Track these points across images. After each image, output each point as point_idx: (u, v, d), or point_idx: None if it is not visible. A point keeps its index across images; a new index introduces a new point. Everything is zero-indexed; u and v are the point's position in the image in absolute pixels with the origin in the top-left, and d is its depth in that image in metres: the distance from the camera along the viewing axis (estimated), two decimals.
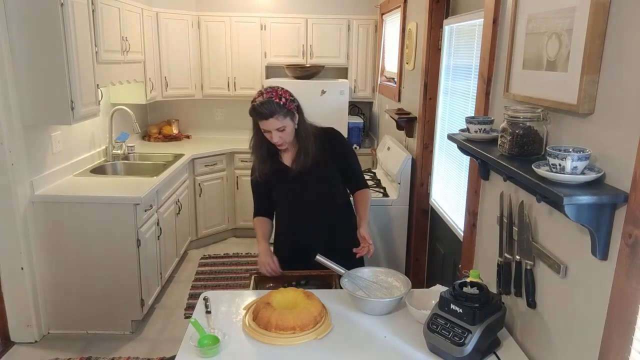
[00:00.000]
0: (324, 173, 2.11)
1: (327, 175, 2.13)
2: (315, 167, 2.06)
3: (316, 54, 4.78)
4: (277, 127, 1.96)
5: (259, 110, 1.93)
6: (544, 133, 1.39)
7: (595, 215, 1.11)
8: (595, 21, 1.16)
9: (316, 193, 2.13)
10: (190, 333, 1.53)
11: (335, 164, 2.14)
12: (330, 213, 2.17)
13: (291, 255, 2.15)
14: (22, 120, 2.79)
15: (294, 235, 2.18)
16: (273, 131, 1.96)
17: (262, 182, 2.13)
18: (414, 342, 1.52)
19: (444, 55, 2.80)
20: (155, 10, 4.31)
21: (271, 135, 1.98)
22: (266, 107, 1.92)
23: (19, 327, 2.95)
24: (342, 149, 2.18)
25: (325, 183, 2.13)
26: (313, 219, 2.14)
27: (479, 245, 1.98)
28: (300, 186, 2.10)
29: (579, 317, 1.25)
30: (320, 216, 2.15)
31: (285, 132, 1.99)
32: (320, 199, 2.14)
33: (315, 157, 2.06)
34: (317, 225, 2.15)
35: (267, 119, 1.93)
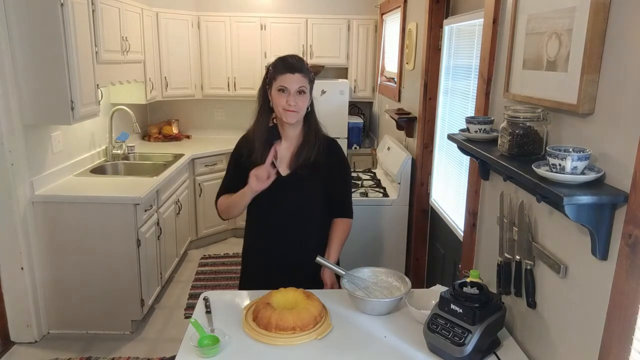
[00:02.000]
0: (316, 180, 1.89)
1: (319, 185, 1.91)
2: (310, 171, 1.86)
3: (316, 54, 4.78)
4: (300, 87, 1.76)
5: (288, 61, 1.77)
6: (544, 133, 1.39)
7: (595, 215, 1.11)
8: (595, 21, 1.16)
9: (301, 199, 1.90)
10: (190, 333, 1.53)
11: (329, 179, 1.92)
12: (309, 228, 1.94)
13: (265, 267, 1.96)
14: (22, 120, 2.79)
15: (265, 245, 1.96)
16: (293, 91, 1.75)
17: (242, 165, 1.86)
18: (414, 342, 1.52)
19: (444, 55, 2.80)
20: (155, 10, 4.31)
21: (288, 95, 1.76)
22: (297, 60, 1.78)
23: (19, 327, 2.95)
24: (342, 165, 1.97)
25: (316, 192, 1.91)
26: (289, 229, 1.91)
27: (479, 245, 1.98)
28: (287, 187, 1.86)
29: (579, 317, 1.25)
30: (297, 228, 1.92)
31: (303, 98, 1.78)
32: (302, 208, 1.91)
33: (315, 159, 1.86)
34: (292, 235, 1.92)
35: (293, 73, 1.75)
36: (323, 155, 1.88)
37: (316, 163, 1.86)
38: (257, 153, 1.84)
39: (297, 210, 1.91)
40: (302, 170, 1.86)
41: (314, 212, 1.94)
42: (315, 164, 1.86)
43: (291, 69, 1.77)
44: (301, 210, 1.91)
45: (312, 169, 1.86)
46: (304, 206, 1.92)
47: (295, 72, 1.76)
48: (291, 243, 1.93)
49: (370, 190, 3.25)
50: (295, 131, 1.89)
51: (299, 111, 1.80)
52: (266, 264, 1.97)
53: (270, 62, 1.86)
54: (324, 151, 1.89)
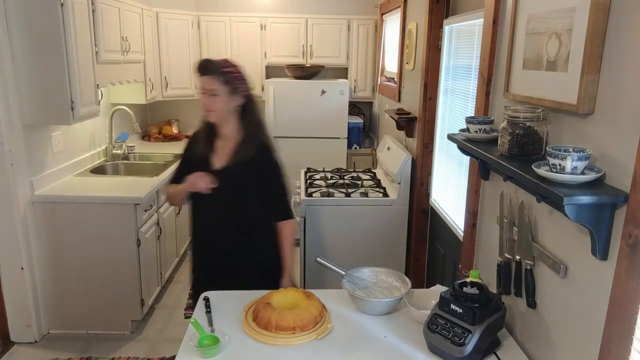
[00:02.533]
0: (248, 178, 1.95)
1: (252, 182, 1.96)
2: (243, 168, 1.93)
3: (316, 54, 4.78)
4: (211, 89, 1.87)
5: (200, 64, 1.90)
6: (544, 133, 1.39)
7: (595, 215, 1.11)
8: (595, 21, 1.16)
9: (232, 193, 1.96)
10: (190, 333, 1.53)
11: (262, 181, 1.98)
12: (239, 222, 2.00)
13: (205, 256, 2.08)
14: (22, 120, 2.79)
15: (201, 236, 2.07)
16: (206, 92, 1.89)
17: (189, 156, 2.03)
18: (414, 342, 1.52)
19: (444, 55, 2.80)
20: (155, 10, 4.31)
21: (203, 97, 1.90)
22: (204, 63, 1.89)
23: (19, 327, 2.95)
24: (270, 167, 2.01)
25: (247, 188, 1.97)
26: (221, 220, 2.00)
27: (479, 245, 1.98)
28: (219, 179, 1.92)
29: (579, 317, 1.25)
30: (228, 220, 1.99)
31: (216, 99, 1.88)
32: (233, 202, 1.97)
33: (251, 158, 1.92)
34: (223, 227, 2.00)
35: (202, 75, 1.88)
36: (259, 156, 1.96)
37: (251, 162, 1.93)
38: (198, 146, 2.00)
39: (228, 203, 1.97)
40: (236, 166, 1.94)
41: (244, 207, 1.99)
42: (249, 163, 1.93)
43: (200, 71, 1.88)
44: (232, 203, 1.98)
45: (246, 167, 1.94)
46: (234, 200, 1.98)
47: (202, 75, 1.88)
48: (222, 235, 2.01)
49: (370, 190, 3.25)
50: (229, 129, 1.98)
51: (215, 111, 1.90)
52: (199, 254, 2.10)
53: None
54: (259, 152, 1.96)
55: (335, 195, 3.13)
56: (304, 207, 3.05)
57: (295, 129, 4.44)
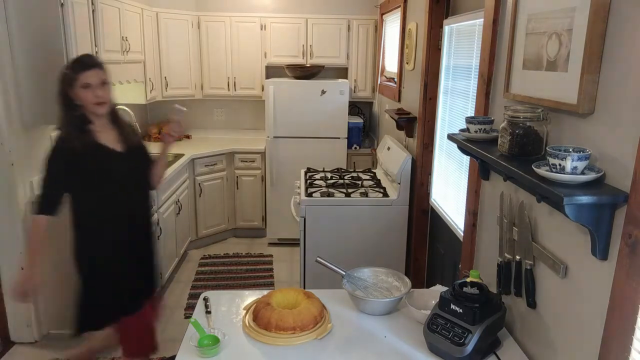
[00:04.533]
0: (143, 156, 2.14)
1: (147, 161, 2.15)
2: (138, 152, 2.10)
3: (316, 54, 4.78)
4: (102, 80, 1.93)
5: (83, 60, 1.93)
6: (544, 133, 1.39)
7: (595, 215, 1.11)
8: (595, 21, 1.16)
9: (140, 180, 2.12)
10: (190, 333, 1.53)
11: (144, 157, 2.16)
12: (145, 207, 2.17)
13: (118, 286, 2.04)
14: (22, 120, 2.79)
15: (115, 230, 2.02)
16: (96, 85, 1.90)
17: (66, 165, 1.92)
18: (414, 342, 1.52)
19: (444, 55, 2.80)
20: (155, 10, 4.31)
21: (91, 90, 1.89)
22: (91, 58, 1.97)
23: (19, 327, 2.95)
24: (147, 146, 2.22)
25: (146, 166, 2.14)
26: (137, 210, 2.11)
27: (479, 245, 1.98)
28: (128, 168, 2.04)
29: (579, 317, 1.25)
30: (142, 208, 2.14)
31: (107, 88, 1.96)
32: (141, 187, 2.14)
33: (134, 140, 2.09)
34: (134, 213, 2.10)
35: (91, 69, 1.90)
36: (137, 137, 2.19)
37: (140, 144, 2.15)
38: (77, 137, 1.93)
39: (135, 179, 2.09)
40: (130, 147, 2.07)
41: (146, 182, 2.18)
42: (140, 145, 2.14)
43: (91, 65, 1.92)
44: (137, 179, 2.11)
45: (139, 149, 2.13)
46: (139, 176, 2.12)
47: (94, 67, 1.93)
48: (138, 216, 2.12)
49: (370, 190, 3.25)
50: (105, 119, 2.04)
51: (107, 101, 1.98)
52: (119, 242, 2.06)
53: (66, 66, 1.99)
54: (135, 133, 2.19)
55: (335, 195, 3.13)
56: (304, 207, 3.05)
57: (295, 129, 4.45)
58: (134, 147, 2.08)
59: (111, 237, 2.02)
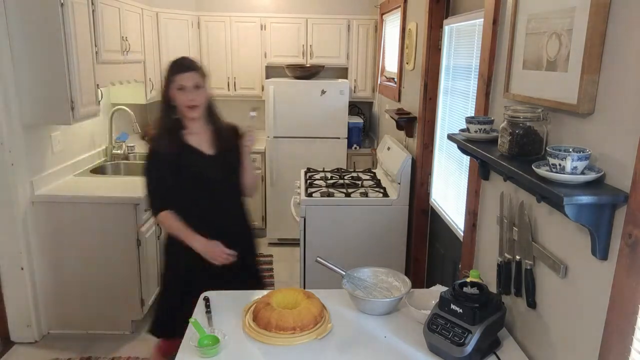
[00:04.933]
0: (236, 159, 2.10)
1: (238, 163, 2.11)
2: (230, 155, 2.07)
3: (316, 54, 4.78)
4: (196, 83, 1.96)
5: (180, 63, 1.97)
6: (544, 133, 1.39)
7: (595, 215, 1.11)
8: (595, 21, 1.16)
9: (231, 184, 2.11)
10: (190, 333, 1.53)
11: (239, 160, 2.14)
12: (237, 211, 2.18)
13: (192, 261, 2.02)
14: (22, 120, 2.79)
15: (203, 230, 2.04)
16: (190, 88, 1.95)
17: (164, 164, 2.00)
18: (414, 342, 1.52)
19: (444, 55, 2.80)
20: (155, 10, 4.30)
21: (185, 93, 1.94)
22: (188, 60, 1.99)
23: (19, 327, 2.95)
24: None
25: (237, 169, 2.12)
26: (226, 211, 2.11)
27: (479, 245, 1.98)
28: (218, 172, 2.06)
29: (579, 316, 1.25)
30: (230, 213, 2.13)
31: (201, 92, 1.99)
32: (233, 191, 2.13)
33: (228, 143, 2.07)
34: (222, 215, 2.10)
35: (186, 72, 1.94)
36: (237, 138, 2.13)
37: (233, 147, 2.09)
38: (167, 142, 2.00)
39: (224, 183, 2.09)
40: (221, 149, 2.07)
41: (238, 187, 2.15)
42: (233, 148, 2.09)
43: (186, 68, 1.96)
44: (226, 182, 2.10)
45: (231, 152, 2.09)
46: (228, 179, 2.10)
47: (189, 70, 1.96)
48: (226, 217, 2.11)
49: (370, 190, 3.25)
50: (200, 122, 2.07)
51: (199, 105, 1.99)
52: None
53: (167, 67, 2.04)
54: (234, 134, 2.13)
55: (335, 195, 3.13)
56: (304, 207, 3.05)
57: (295, 129, 4.45)
58: (226, 151, 2.07)
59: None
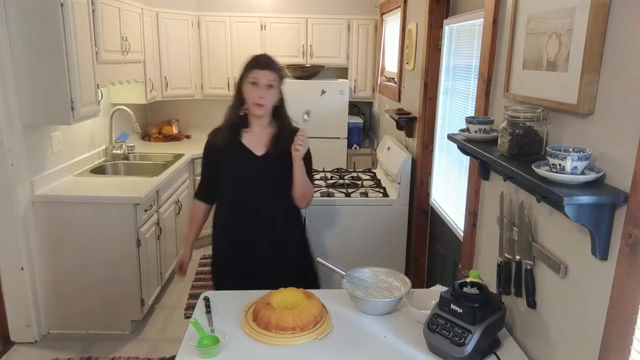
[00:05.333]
0: (286, 163, 2.03)
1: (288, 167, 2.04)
2: (281, 154, 2.03)
3: (316, 54, 4.78)
4: (269, 81, 1.98)
5: (260, 59, 2.01)
6: (544, 133, 1.39)
7: (595, 215, 1.11)
8: (595, 21, 1.16)
9: (276, 185, 2.08)
10: (190, 333, 1.53)
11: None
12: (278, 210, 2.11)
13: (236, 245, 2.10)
14: (22, 120, 2.79)
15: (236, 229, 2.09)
16: (262, 85, 1.97)
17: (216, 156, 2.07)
18: (414, 342, 1.52)
19: (444, 55, 2.80)
20: (155, 10, 4.31)
21: (256, 89, 1.97)
22: (268, 59, 2.02)
23: (19, 327, 2.95)
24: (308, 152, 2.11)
25: (284, 172, 2.05)
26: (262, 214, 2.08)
27: (479, 245, 1.98)
28: (263, 175, 2.06)
29: (579, 317, 1.25)
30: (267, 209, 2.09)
31: (272, 92, 2.01)
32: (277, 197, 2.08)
33: (284, 147, 2.03)
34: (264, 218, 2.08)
35: (263, 69, 1.97)
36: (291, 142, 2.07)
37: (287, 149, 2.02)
38: (223, 134, 2.07)
39: (268, 186, 2.08)
40: (274, 152, 2.06)
41: (283, 190, 2.08)
42: (287, 151, 2.02)
43: (263, 65, 1.99)
44: (272, 186, 2.08)
45: (284, 154, 2.03)
46: (274, 183, 2.08)
47: (266, 68, 1.99)
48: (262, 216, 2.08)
49: (370, 190, 3.25)
50: (264, 121, 2.09)
51: (266, 104, 2.01)
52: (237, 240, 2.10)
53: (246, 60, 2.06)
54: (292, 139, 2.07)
55: (335, 195, 3.13)
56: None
57: None
58: (279, 155, 2.03)
59: (234, 237, 2.10)
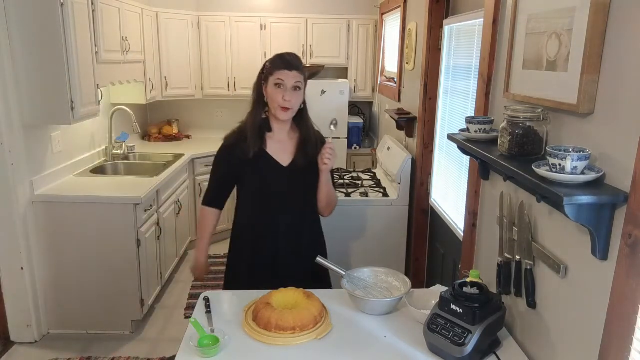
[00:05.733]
0: (313, 172, 1.93)
1: (315, 176, 1.95)
2: (308, 163, 1.93)
3: (316, 54, 4.78)
4: (296, 83, 1.84)
5: (286, 58, 1.86)
6: (544, 133, 1.39)
7: (595, 215, 1.11)
8: (595, 21, 1.15)
9: (302, 196, 1.97)
10: (190, 333, 1.53)
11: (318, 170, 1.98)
12: (304, 222, 2.01)
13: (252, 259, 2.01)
14: (22, 120, 2.79)
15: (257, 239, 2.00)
16: (289, 87, 1.83)
17: (235, 164, 1.94)
18: (414, 342, 1.52)
19: (444, 55, 2.80)
20: (155, 10, 4.31)
21: (282, 92, 1.83)
22: (295, 58, 1.88)
23: (19, 327, 2.95)
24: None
25: (312, 182, 1.96)
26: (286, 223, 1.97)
27: (479, 245, 1.98)
28: (288, 186, 1.94)
29: (579, 317, 1.25)
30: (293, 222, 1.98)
31: (299, 95, 1.87)
32: (302, 204, 1.98)
33: (310, 155, 1.93)
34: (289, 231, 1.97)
35: (291, 70, 1.83)
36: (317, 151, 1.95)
37: (314, 159, 1.93)
38: (249, 143, 1.90)
39: (295, 198, 1.97)
40: (301, 162, 1.94)
41: (309, 200, 2.01)
42: (314, 158, 1.93)
43: (291, 66, 1.84)
44: (298, 198, 1.98)
45: (312, 162, 1.93)
46: (301, 195, 1.98)
47: (293, 69, 1.85)
48: (287, 229, 1.97)
49: (370, 190, 3.25)
50: (287, 126, 1.97)
51: (293, 107, 1.88)
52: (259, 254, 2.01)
53: (268, 59, 1.93)
54: (317, 145, 1.97)
55: None
56: None
57: None
58: (304, 163, 1.93)
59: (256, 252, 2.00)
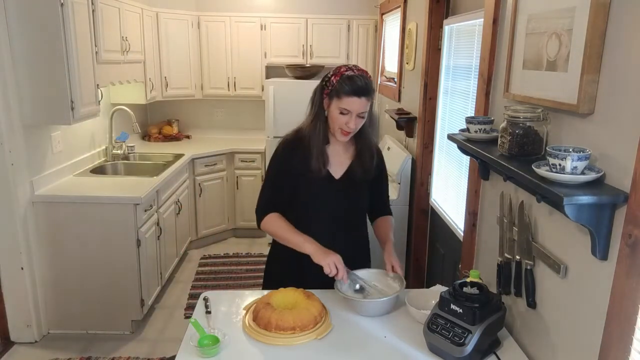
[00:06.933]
0: (364, 186, 1.86)
1: (366, 189, 1.87)
2: (361, 176, 1.84)
3: (316, 54, 4.78)
4: (363, 111, 1.68)
5: (358, 84, 1.65)
6: (544, 133, 1.39)
7: (595, 215, 1.11)
8: (595, 21, 1.15)
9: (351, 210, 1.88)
10: (190, 333, 1.53)
11: (373, 183, 1.91)
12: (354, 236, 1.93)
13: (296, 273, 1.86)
14: (22, 120, 2.79)
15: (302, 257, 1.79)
16: (355, 114, 1.67)
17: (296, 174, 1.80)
18: (414, 342, 1.52)
19: (444, 55, 2.80)
20: (155, 10, 4.31)
21: (349, 118, 1.68)
22: (367, 82, 1.66)
23: (19, 327, 2.95)
24: (382, 168, 1.96)
25: (363, 195, 1.88)
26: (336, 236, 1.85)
27: (479, 245, 1.98)
28: (340, 197, 1.83)
29: (579, 317, 1.25)
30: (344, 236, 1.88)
31: (361, 122, 1.73)
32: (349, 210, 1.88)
33: (364, 169, 1.83)
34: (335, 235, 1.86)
35: (360, 97, 1.65)
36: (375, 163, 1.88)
37: (369, 169, 1.85)
38: (314, 160, 1.77)
39: (344, 211, 1.88)
40: (353, 174, 1.84)
41: (358, 215, 1.93)
42: (368, 170, 1.85)
43: (361, 93, 1.67)
44: (347, 212, 1.88)
45: (364, 174, 1.84)
46: (350, 208, 1.89)
47: (363, 96, 1.67)
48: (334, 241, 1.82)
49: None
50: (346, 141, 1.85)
51: (353, 132, 1.75)
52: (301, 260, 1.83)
53: (333, 71, 1.74)
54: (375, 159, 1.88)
55: None
56: None
57: None
58: (357, 177, 1.83)
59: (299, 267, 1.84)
